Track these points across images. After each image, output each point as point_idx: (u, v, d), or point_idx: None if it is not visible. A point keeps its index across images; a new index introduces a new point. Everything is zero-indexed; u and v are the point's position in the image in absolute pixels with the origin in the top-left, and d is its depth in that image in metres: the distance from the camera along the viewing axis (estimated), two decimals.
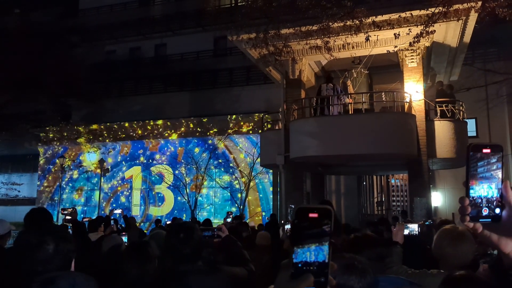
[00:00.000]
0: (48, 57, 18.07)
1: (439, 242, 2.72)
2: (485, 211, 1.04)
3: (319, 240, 0.92)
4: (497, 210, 1.04)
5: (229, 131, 19.50)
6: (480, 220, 1.04)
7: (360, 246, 2.79)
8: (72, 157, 22.69)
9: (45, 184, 23.62)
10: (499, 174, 1.03)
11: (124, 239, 4.43)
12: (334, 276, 2.21)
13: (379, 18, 10.32)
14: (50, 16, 23.13)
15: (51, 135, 23.07)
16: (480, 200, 1.04)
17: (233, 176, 19.41)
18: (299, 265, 0.92)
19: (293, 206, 12.17)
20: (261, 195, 19.41)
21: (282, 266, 0.94)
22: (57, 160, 21.85)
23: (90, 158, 22.64)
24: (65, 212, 7.64)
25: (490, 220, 1.04)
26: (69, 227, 6.81)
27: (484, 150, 1.03)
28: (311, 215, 0.93)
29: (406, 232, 3.91)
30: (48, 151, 23.82)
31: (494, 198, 1.03)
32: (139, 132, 21.65)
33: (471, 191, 1.04)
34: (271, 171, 16.87)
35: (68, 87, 18.80)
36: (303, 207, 0.95)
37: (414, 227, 4.32)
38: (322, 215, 0.93)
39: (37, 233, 1.79)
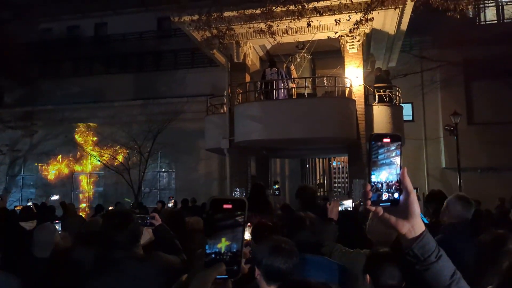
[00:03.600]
0: None
1: (371, 221, 2.85)
2: (385, 196, 1.11)
3: (232, 230, 0.96)
4: (396, 195, 1.12)
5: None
6: (381, 204, 1.12)
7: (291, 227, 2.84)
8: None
9: None
10: (397, 160, 1.11)
11: (58, 227, 4.26)
12: (260, 258, 2.27)
13: (321, 3, 10.48)
14: None
15: None
16: (380, 185, 1.11)
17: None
18: (212, 255, 0.95)
19: (237, 190, 12.28)
20: None
21: (196, 256, 0.97)
22: None
23: (26, 142, 21.44)
24: None
25: (389, 204, 1.12)
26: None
27: (384, 140, 1.10)
28: (225, 206, 0.96)
29: (340, 208, 3.99)
30: None
31: (393, 183, 1.12)
32: (79, 115, 20.72)
33: (373, 176, 1.11)
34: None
35: None
36: (217, 198, 0.97)
37: (348, 204, 4.39)
38: (236, 206, 0.96)
39: None
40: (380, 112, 12.09)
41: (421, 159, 17.41)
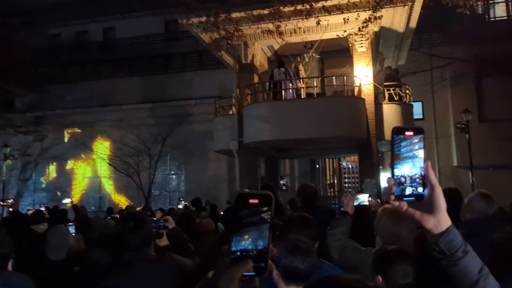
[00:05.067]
0: None
1: (379, 220, 2.80)
2: (408, 190, 1.08)
3: (259, 226, 0.93)
4: (420, 189, 1.09)
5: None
6: (404, 198, 1.09)
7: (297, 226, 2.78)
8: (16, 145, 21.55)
9: None
10: (421, 153, 1.08)
11: (71, 229, 4.27)
12: (278, 258, 2.24)
13: (329, 2, 10.44)
14: None
15: None
16: (404, 179, 1.08)
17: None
18: (238, 252, 0.92)
19: (247, 191, 12.26)
20: None
21: (222, 253, 0.94)
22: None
23: (36, 146, 21.64)
24: (5, 204, 7.30)
25: (413, 198, 1.08)
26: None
27: (407, 133, 1.07)
28: (251, 201, 0.93)
29: (356, 203, 3.89)
30: None
31: (417, 176, 1.08)
32: (88, 119, 20.87)
33: (396, 170, 1.08)
34: None
35: (9, 72, 17.76)
36: (243, 193, 0.94)
37: (364, 198, 4.22)
38: (263, 201, 0.93)
39: None
40: (390, 111, 12.00)
41: (432, 158, 17.23)
